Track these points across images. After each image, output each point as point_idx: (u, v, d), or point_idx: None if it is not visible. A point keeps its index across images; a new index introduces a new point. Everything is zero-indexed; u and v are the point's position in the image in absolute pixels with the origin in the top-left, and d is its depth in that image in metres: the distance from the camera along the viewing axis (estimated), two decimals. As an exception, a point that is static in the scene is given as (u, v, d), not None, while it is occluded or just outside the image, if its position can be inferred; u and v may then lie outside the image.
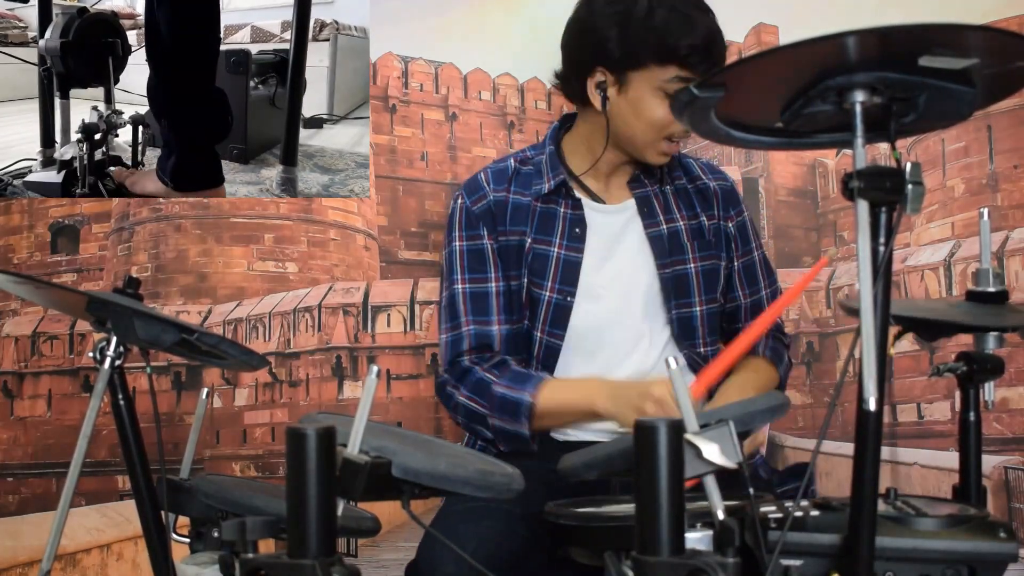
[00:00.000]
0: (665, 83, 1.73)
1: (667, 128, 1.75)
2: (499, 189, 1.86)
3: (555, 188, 1.85)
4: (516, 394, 1.74)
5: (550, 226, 1.85)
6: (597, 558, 1.18)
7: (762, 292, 1.95)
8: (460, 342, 1.81)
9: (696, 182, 1.93)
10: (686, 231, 1.88)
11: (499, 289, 1.83)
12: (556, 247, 1.84)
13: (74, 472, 1.39)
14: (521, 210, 1.86)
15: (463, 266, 1.85)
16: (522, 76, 2.75)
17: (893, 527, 1.12)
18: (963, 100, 1.10)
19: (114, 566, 2.58)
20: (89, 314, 1.44)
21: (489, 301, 1.83)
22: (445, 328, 1.84)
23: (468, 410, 1.78)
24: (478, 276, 1.84)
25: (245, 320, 2.73)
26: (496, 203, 1.85)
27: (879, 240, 1.06)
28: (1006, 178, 2.51)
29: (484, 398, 1.76)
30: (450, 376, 1.80)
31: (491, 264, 1.84)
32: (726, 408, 1.38)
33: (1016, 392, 2.42)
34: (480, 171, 1.92)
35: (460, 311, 1.83)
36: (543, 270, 1.82)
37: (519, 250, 1.84)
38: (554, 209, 1.86)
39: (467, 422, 1.80)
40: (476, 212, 1.85)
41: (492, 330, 1.81)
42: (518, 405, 1.74)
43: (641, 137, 1.78)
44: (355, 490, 1.07)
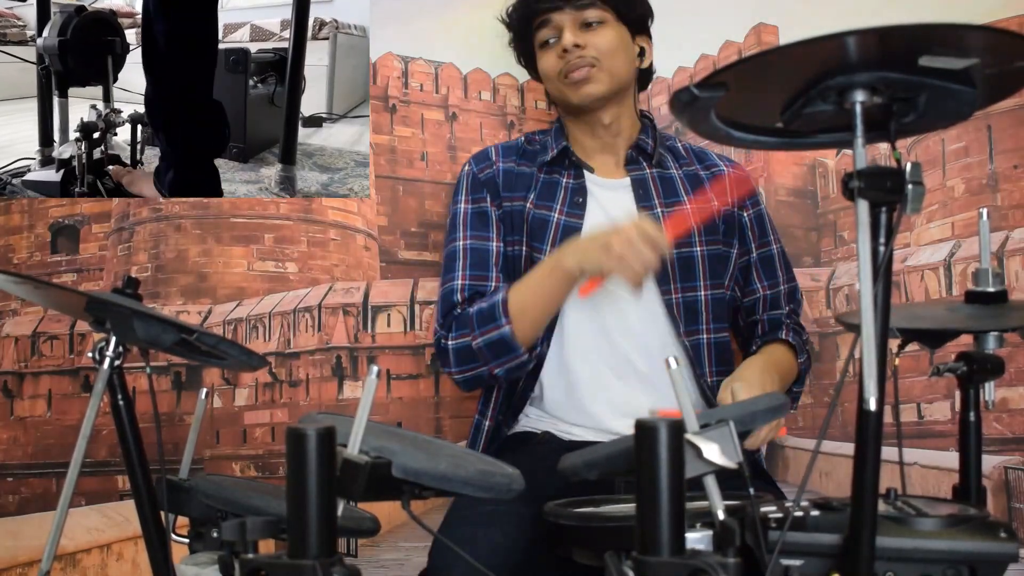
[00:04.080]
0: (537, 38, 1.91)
1: (555, 68, 1.88)
2: (506, 160, 1.92)
3: (557, 156, 1.89)
4: (489, 302, 1.76)
5: (551, 193, 1.89)
6: (597, 558, 1.17)
7: (781, 286, 1.96)
8: (453, 293, 1.82)
9: (711, 168, 1.96)
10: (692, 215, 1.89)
11: (498, 250, 1.87)
12: (557, 213, 1.86)
13: (74, 472, 1.39)
14: (524, 178, 1.90)
15: (466, 223, 1.88)
16: (522, 76, 2.74)
17: (893, 527, 1.12)
18: (963, 100, 1.10)
19: (114, 566, 2.58)
20: (89, 314, 1.44)
21: (488, 258, 1.85)
22: (443, 281, 1.86)
23: (456, 350, 1.79)
24: (480, 234, 1.87)
25: (245, 320, 2.72)
26: (500, 172, 1.90)
27: (879, 240, 1.06)
28: (1006, 178, 2.51)
29: (465, 326, 1.77)
30: (443, 329, 1.81)
31: (493, 227, 1.88)
32: (726, 408, 1.38)
33: (1016, 392, 2.42)
34: (492, 145, 1.97)
35: (458, 264, 1.85)
36: (542, 234, 1.84)
37: (520, 215, 1.87)
38: (556, 178, 1.90)
39: (460, 366, 1.80)
40: (482, 179, 1.90)
41: (488, 286, 1.83)
42: (492, 307, 1.75)
43: (554, 88, 1.91)
44: (355, 490, 1.07)
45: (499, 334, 1.74)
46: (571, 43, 1.83)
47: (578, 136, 1.93)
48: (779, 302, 1.96)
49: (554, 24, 1.86)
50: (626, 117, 1.92)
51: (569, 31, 1.85)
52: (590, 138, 1.92)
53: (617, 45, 1.87)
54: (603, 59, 1.85)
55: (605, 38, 1.86)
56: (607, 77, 1.86)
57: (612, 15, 1.88)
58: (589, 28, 1.86)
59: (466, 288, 1.83)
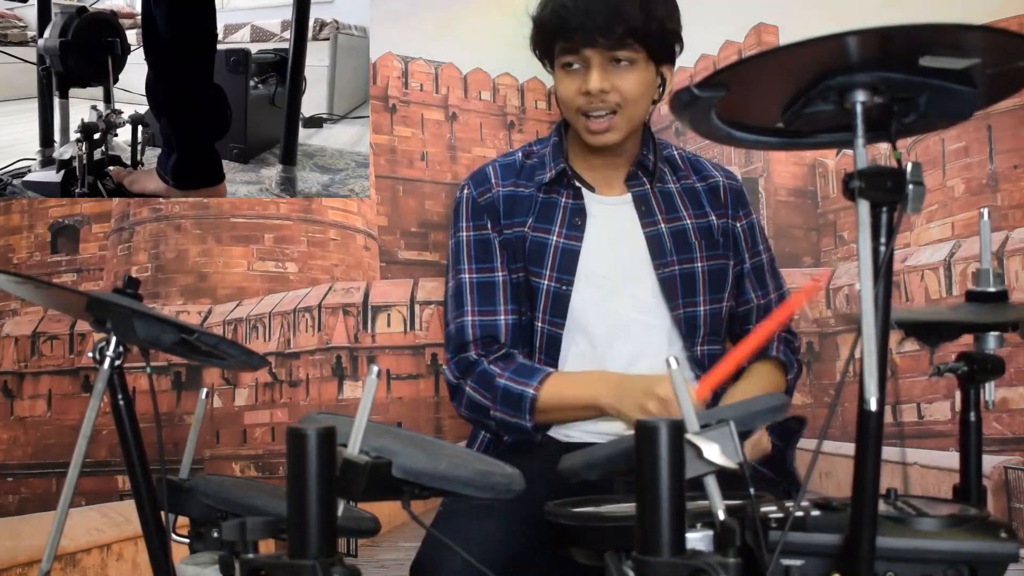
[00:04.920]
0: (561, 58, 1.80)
1: (574, 102, 1.80)
2: (505, 184, 1.88)
3: (556, 177, 1.86)
4: (519, 387, 1.75)
5: (550, 215, 1.87)
6: (597, 558, 1.17)
7: (771, 295, 1.95)
8: (465, 332, 1.81)
9: (708, 180, 1.94)
10: (693, 230, 1.88)
11: (505, 280, 1.84)
12: (555, 236, 1.85)
13: (74, 472, 1.39)
14: (524, 202, 1.87)
15: (470, 255, 1.86)
16: (522, 76, 2.75)
17: (894, 527, 1.12)
18: (964, 100, 1.10)
19: (114, 566, 2.58)
20: (89, 314, 1.44)
21: (496, 291, 1.84)
22: (451, 317, 1.85)
23: (472, 402, 1.79)
24: (485, 266, 1.85)
25: (245, 320, 2.72)
26: (500, 198, 1.87)
27: (880, 240, 1.06)
28: (1006, 178, 2.51)
29: (488, 390, 1.76)
30: (456, 368, 1.81)
31: (497, 255, 1.85)
32: (726, 408, 1.38)
33: (1016, 392, 2.42)
34: (488, 164, 1.93)
35: (466, 300, 1.83)
36: (541, 258, 1.82)
37: (521, 242, 1.85)
38: (555, 199, 1.87)
39: (471, 414, 1.81)
40: (482, 204, 1.87)
41: (498, 321, 1.82)
42: (521, 398, 1.74)
43: (569, 116, 1.84)
44: (355, 490, 1.07)
45: (518, 424, 1.76)
46: (597, 88, 1.76)
47: (578, 149, 1.90)
48: (771, 312, 1.95)
49: (582, 56, 1.78)
50: (631, 140, 1.89)
51: (597, 71, 1.76)
52: (591, 154, 1.89)
53: (642, 90, 1.79)
54: (626, 106, 1.79)
55: (631, 83, 1.77)
56: (626, 124, 1.81)
57: (644, 55, 1.78)
58: (617, 67, 1.80)
59: (476, 325, 1.82)
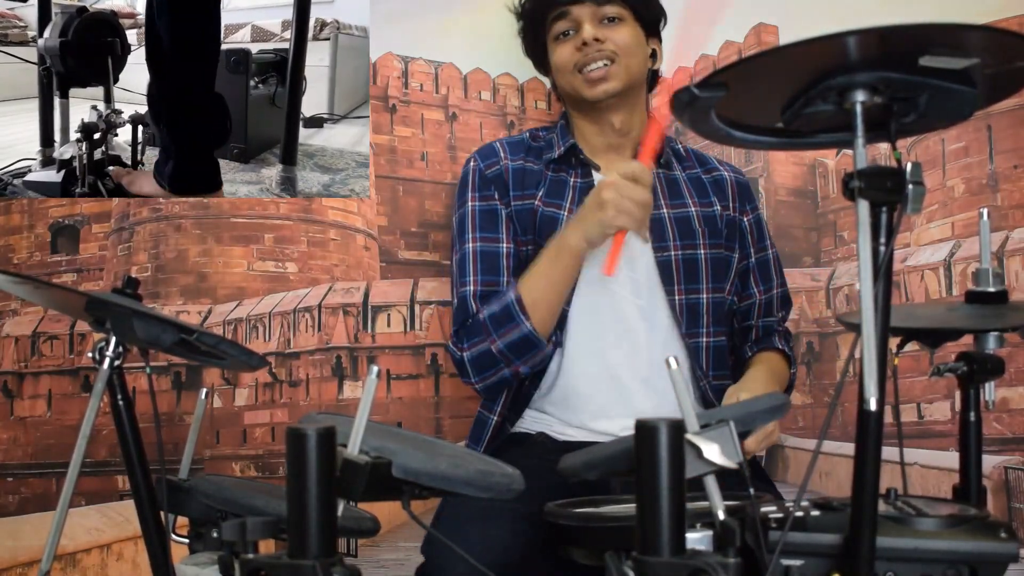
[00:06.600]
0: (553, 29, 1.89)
1: (570, 61, 1.87)
2: (515, 158, 1.91)
3: (564, 155, 1.88)
4: (500, 303, 1.75)
5: (560, 191, 1.88)
6: (597, 558, 1.17)
7: (775, 290, 1.96)
8: (467, 303, 1.82)
9: (712, 172, 1.96)
10: (697, 217, 1.89)
11: (509, 251, 1.85)
12: (566, 212, 1.86)
13: (73, 472, 1.39)
14: (534, 176, 1.89)
15: (475, 225, 1.87)
16: (522, 76, 2.74)
17: (894, 527, 1.12)
18: (964, 100, 1.10)
19: (114, 566, 2.58)
20: (88, 314, 1.44)
21: (499, 260, 1.84)
22: (457, 286, 1.86)
23: (474, 359, 1.78)
24: (489, 236, 1.86)
25: (245, 320, 2.72)
26: (509, 170, 1.89)
27: (880, 240, 1.06)
28: (1006, 178, 2.51)
29: (480, 332, 1.76)
30: (456, 340, 1.81)
31: (503, 226, 1.86)
32: (726, 408, 1.38)
33: (1016, 392, 2.42)
34: (494, 141, 1.95)
35: (469, 270, 1.84)
36: (553, 232, 1.82)
37: (531, 214, 1.86)
38: (564, 177, 1.89)
39: (480, 375, 1.79)
40: (489, 176, 1.88)
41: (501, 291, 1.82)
42: (506, 308, 1.74)
43: (566, 82, 1.89)
44: (355, 490, 1.07)
45: (520, 333, 1.73)
46: (591, 36, 1.83)
47: (585, 133, 1.92)
48: (772, 307, 1.97)
49: (572, 17, 1.86)
50: (636, 119, 1.92)
51: (589, 24, 1.85)
52: (598, 136, 1.91)
53: (635, 42, 1.87)
54: (621, 55, 1.85)
55: (623, 34, 1.86)
56: (623, 73, 1.85)
57: (630, 14, 1.88)
58: (607, 24, 1.86)
59: (478, 295, 1.82)
